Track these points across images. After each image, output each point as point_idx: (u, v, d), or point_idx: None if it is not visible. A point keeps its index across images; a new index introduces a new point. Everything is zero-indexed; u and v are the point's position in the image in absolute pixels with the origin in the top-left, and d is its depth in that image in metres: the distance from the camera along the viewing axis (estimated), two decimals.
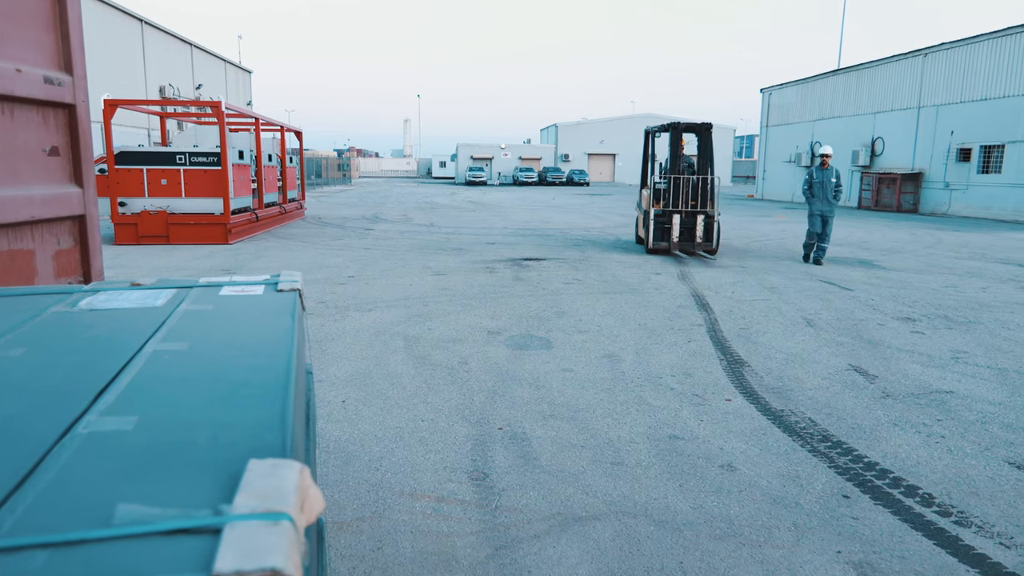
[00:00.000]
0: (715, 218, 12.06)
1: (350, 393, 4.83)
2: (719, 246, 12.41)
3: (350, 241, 14.46)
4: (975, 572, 2.80)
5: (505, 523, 3.13)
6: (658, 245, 12.34)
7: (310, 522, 0.86)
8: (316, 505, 0.88)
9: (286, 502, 0.77)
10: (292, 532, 0.73)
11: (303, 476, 0.85)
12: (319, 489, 0.89)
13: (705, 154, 12.47)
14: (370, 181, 64.86)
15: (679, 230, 12.15)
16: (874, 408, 4.71)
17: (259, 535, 0.71)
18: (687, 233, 12.19)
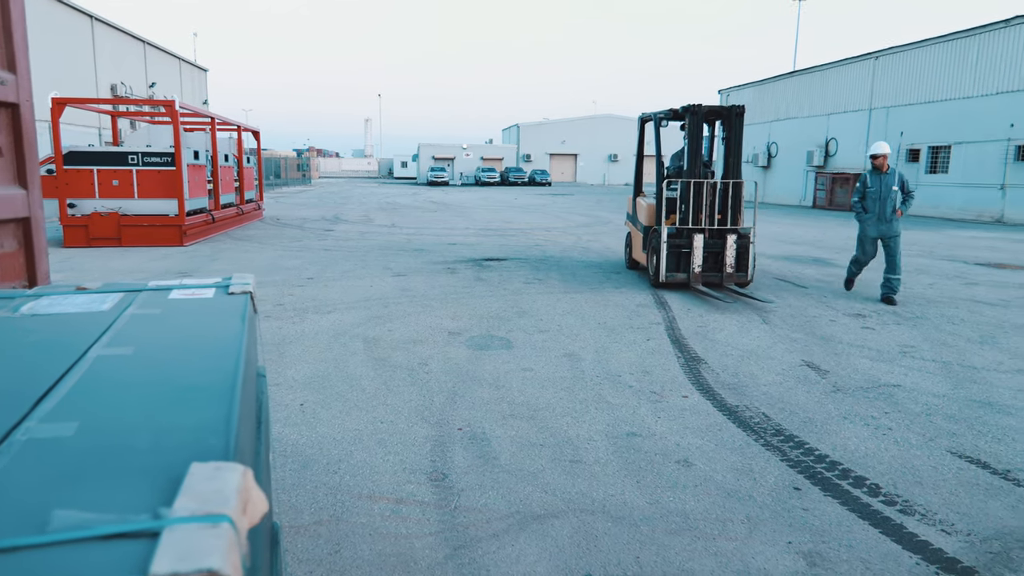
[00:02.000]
0: (750, 238, 8.85)
1: (308, 396, 4.79)
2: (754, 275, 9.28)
3: (309, 242, 14.30)
4: (918, 558, 2.90)
5: (464, 523, 3.14)
6: (673, 278, 8.81)
7: (253, 524, 0.87)
8: (259, 507, 0.88)
9: (227, 504, 0.78)
10: (232, 534, 0.73)
11: (246, 479, 0.86)
12: (263, 491, 0.89)
13: (735, 149, 9.05)
14: (330, 181, 64.17)
15: (703, 256, 8.80)
16: (825, 402, 4.84)
17: (197, 537, 0.71)
18: (712, 259, 8.88)
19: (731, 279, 8.78)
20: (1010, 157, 22.91)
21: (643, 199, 10.24)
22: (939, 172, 25.90)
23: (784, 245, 14.75)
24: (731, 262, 8.76)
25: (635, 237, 10.43)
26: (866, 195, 8.49)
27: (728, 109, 9.02)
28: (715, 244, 8.81)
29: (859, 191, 8.59)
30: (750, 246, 8.84)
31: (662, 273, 8.83)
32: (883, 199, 8.38)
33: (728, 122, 9.12)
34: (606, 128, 68.34)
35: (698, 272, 8.77)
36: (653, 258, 9.17)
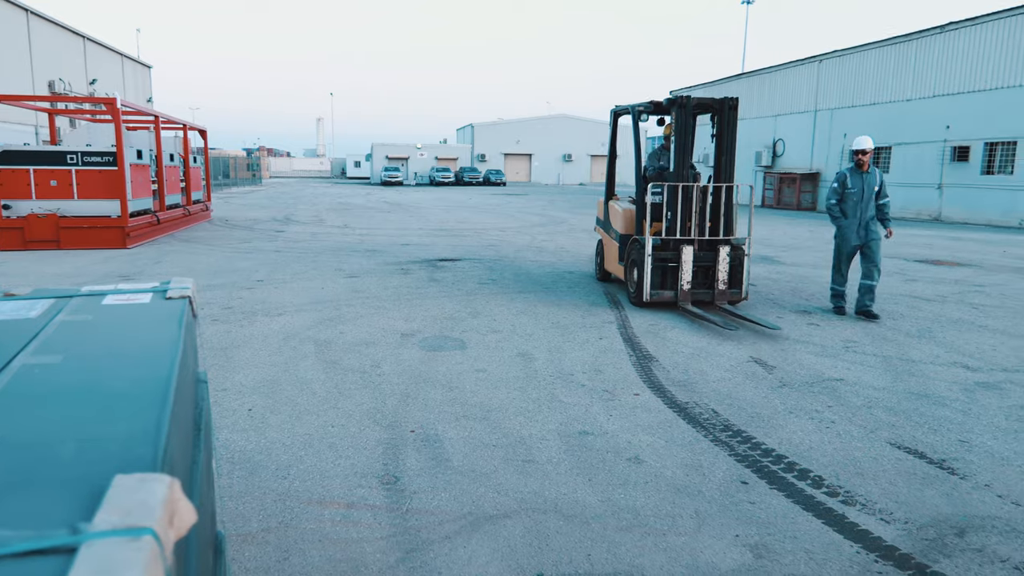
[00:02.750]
0: (745, 250, 7.77)
1: (257, 401, 4.70)
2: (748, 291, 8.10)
3: (259, 244, 14.03)
4: (858, 547, 2.99)
5: (416, 526, 3.12)
6: (659, 296, 7.66)
7: (181, 535, 0.84)
8: (188, 518, 0.86)
9: (151, 517, 0.75)
10: (154, 546, 0.71)
11: (172, 489, 0.83)
12: (192, 502, 0.87)
13: (727, 148, 7.86)
14: (282, 181, 63.07)
15: (692, 271, 7.69)
16: (772, 397, 4.96)
17: (117, 552, 0.69)
18: (701, 274, 7.79)
19: (724, 297, 7.69)
20: (947, 158, 23.84)
21: (618, 203, 9.08)
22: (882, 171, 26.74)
23: None
24: (723, 278, 7.64)
25: (608, 246, 9.29)
26: (845, 197, 7.54)
27: (720, 102, 7.82)
28: (705, 257, 7.69)
29: (836, 192, 7.59)
30: (745, 259, 7.73)
31: (646, 291, 7.61)
32: (865, 202, 7.49)
33: (720, 116, 7.86)
34: (560, 128, 68.75)
35: (687, 289, 7.61)
36: (633, 272, 8.03)
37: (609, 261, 9.28)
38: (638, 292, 7.83)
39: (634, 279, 8.00)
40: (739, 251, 7.78)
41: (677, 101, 7.65)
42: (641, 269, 7.72)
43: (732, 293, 7.75)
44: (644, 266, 7.61)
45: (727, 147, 7.86)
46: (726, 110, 7.83)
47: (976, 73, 22.91)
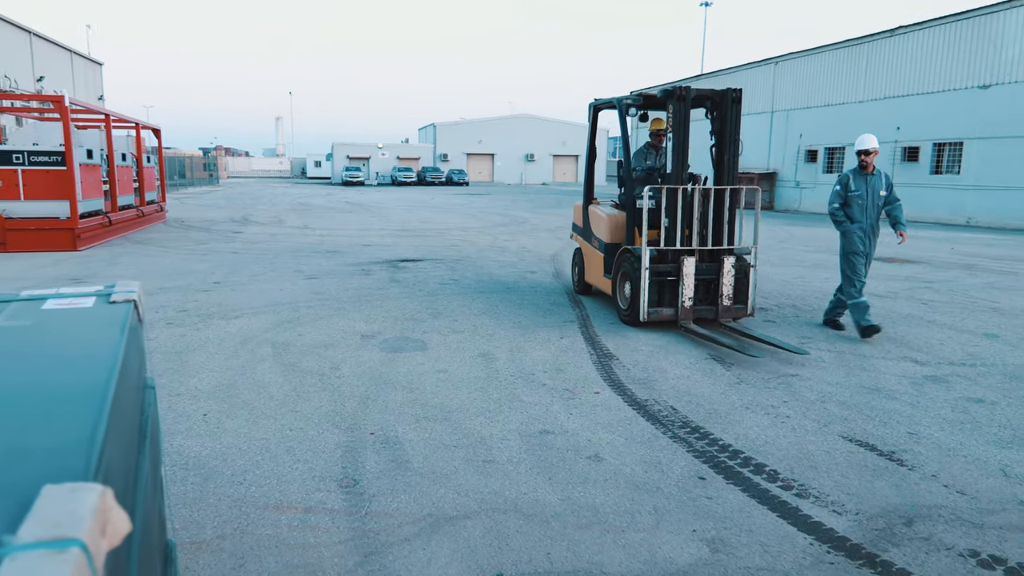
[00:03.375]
0: (751, 261, 6.95)
1: (212, 405, 4.60)
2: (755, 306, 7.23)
3: (216, 245, 13.76)
4: (811, 539, 3.06)
5: (375, 529, 3.10)
6: (658, 315, 6.76)
7: (114, 545, 0.82)
8: (121, 527, 0.84)
9: (79, 527, 0.73)
10: (81, 558, 0.69)
11: (104, 499, 0.81)
12: (125, 511, 0.85)
13: (731, 146, 6.96)
14: (240, 181, 61.99)
15: (694, 286, 6.79)
16: (729, 393, 5.03)
17: (41, 564, 0.67)
18: (703, 289, 6.92)
19: (728, 314, 6.86)
20: (897, 158, 24.53)
21: (600, 209, 8.16)
22: (835, 172, 27.42)
23: None
24: (728, 292, 6.80)
25: (590, 256, 8.30)
26: (849, 201, 6.87)
27: (721, 93, 6.91)
28: (708, 269, 6.82)
29: (839, 196, 6.90)
30: (751, 271, 6.92)
31: (643, 309, 6.65)
32: (871, 206, 6.82)
33: (720, 110, 6.94)
34: (523, 128, 68.88)
35: (689, 306, 6.71)
36: (624, 287, 7.10)
37: (591, 273, 8.29)
38: (632, 310, 6.85)
39: (626, 295, 7.06)
40: (744, 263, 6.94)
41: (675, 93, 6.68)
42: (637, 284, 6.72)
43: (738, 309, 6.92)
44: (641, 281, 6.63)
45: (730, 144, 6.93)
46: (728, 102, 6.87)
47: (924, 76, 23.63)
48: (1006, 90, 20.74)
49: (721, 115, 6.97)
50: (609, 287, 7.56)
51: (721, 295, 6.84)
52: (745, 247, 7.03)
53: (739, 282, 6.91)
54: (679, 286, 6.73)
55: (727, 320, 6.87)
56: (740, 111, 6.92)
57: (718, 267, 6.82)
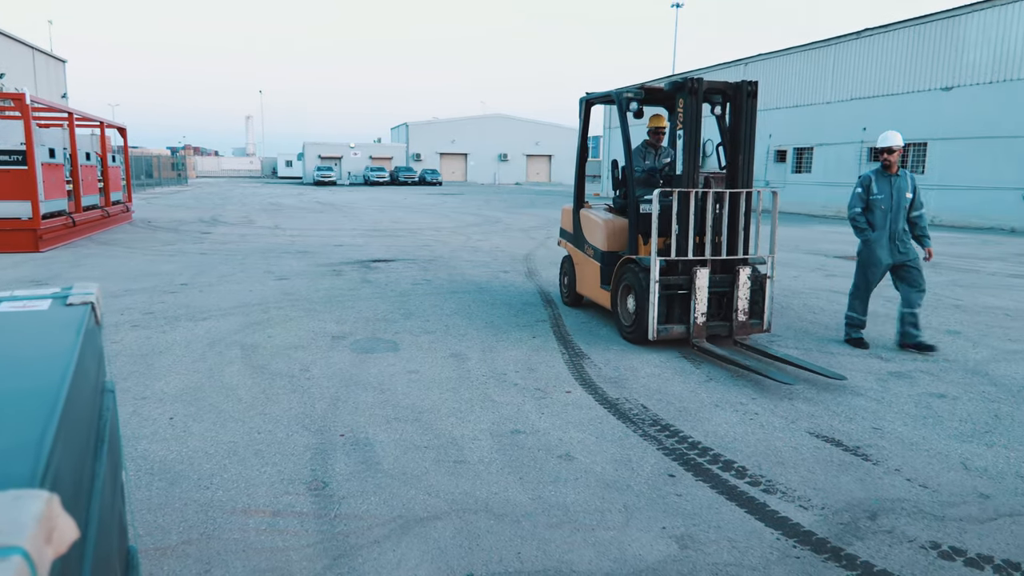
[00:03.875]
0: (767, 272, 6.35)
1: (179, 409, 4.53)
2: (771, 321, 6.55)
3: (184, 246, 13.55)
4: (778, 533, 3.10)
5: (344, 531, 3.07)
6: (669, 333, 6.07)
7: (60, 553, 0.80)
8: (68, 534, 0.82)
9: (20, 535, 0.71)
10: (23, 566, 0.67)
11: (50, 506, 0.79)
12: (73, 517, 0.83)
13: (745, 144, 6.30)
14: (209, 181, 61.10)
15: (708, 299, 6.12)
16: (699, 391, 5.08)
17: None
18: (715, 303, 6.27)
19: (744, 330, 6.23)
20: (863, 158, 24.98)
21: (594, 213, 7.48)
22: (803, 172, 27.87)
23: None
24: (744, 307, 6.18)
25: (583, 265, 7.61)
26: (871, 205, 6.25)
27: (735, 86, 6.27)
28: (721, 282, 6.18)
29: (860, 199, 6.30)
30: (768, 283, 6.29)
31: (652, 327, 5.95)
32: (896, 211, 6.19)
33: (735, 104, 6.29)
34: (496, 128, 68.89)
35: (702, 323, 6.04)
36: (627, 301, 6.47)
37: (584, 284, 7.58)
38: (637, 327, 6.23)
39: (629, 310, 6.42)
40: (760, 274, 6.33)
41: (686, 85, 6.02)
42: (644, 299, 6.06)
43: (753, 325, 6.30)
44: (651, 295, 5.92)
45: (745, 143, 6.27)
46: (743, 96, 6.18)
47: (889, 78, 24.09)
48: (967, 92, 21.23)
49: (735, 110, 6.29)
50: (607, 300, 6.90)
51: (736, 310, 6.18)
52: (759, 256, 6.42)
53: (754, 295, 6.28)
54: (691, 300, 6.03)
55: (742, 337, 6.23)
56: (756, 106, 6.23)
57: (732, 279, 6.17)
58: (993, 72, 20.44)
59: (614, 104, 6.93)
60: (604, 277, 7.06)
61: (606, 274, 7.03)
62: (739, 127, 6.27)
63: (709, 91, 6.32)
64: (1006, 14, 20.04)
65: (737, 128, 6.28)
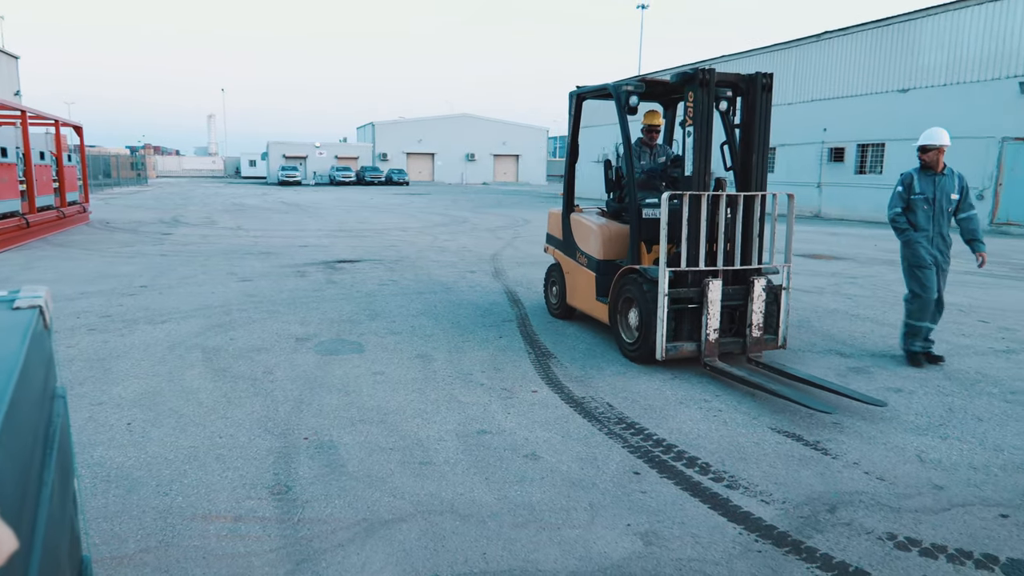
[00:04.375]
0: (783, 283, 5.83)
1: (137, 414, 4.43)
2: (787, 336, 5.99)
3: (144, 247, 13.26)
4: (740, 528, 3.14)
5: (308, 536, 3.03)
6: (678, 351, 5.52)
7: None
8: (5, 545, 0.79)
9: None
10: None
11: None
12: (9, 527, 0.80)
13: (759, 142, 5.81)
14: (170, 181, 59.91)
15: (719, 313, 5.53)
16: (664, 389, 5.13)
17: None
18: (728, 318, 5.77)
19: (758, 347, 5.67)
20: (824, 158, 25.49)
21: (587, 218, 6.93)
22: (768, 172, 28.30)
23: None
24: (758, 321, 5.64)
25: (575, 275, 6.97)
26: (912, 205, 5.79)
27: (749, 79, 5.76)
28: (734, 294, 5.66)
29: (900, 198, 5.81)
30: (783, 295, 5.76)
31: (661, 345, 5.40)
32: (940, 211, 5.78)
33: (749, 99, 5.79)
34: (463, 128, 68.74)
35: (715, 340, 5.48)
36: (628, 315, 5.93)
37: (577, 295, 6.96)
38: (642, 345, 5.64)
39: (631, 325, 5.88)
40: (774, 286, 5.81)
41: (697, 77, 5.42)
42: (649, 313, 5.52)
43: (768, 341, 5.78)
44: (659, 311, 5.38)
45: (759, 142, 5.76)
46: (758, 90, 5.68)
47: (849, 80, 24.61)
48: (923, 94, 21.79)
49: (748, 104, 5.77)
50: (604, 313, 6.33)
51: (750, 325, 5.62)
52: (772, 266, 5.90)
53: (768, 308, 5.77)
54: (702, 315, 5.47)
55: (756, 355, 5.65)
56: (771, 100, 5.74)
57: (746, 291, 5.64)
58: (947, 75, 21.01)
59: (610, 99, 6.33)
60: (600, 288, 6.46)
61: (602, 285, 6.41)
62: (753, 123, 5.73)
63: (718, 84, 5.70)
64: (959, 19, 20.62)
65: (751, 125, 5.75)
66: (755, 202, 5.76)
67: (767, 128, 5.73)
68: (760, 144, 5.74)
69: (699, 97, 5.45)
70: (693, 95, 5.49)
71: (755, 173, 5.80)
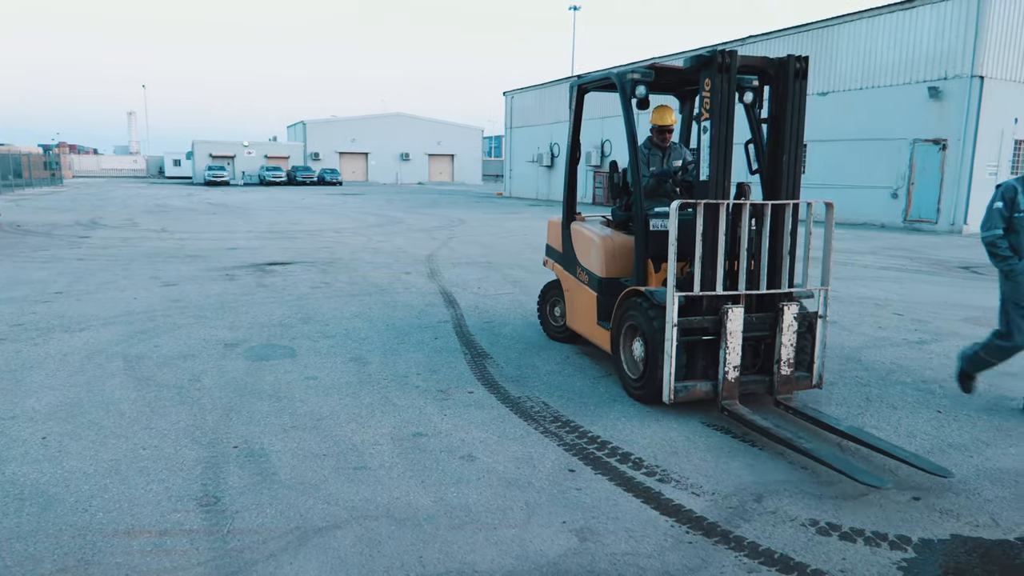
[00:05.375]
0: (819, 310, 4.81)
1: (53, 427, 4.22)
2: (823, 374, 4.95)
3: (59, 251, 12.63)
4: (672, 521, 3.22)
5: (238, 547, 2.95)
6: (689, 392, 4.55)
7: None
8: None
9: None
10: None
11: None
12: None
13: (791, 140, 4.74)
14: (88, 182, 57.23)
15: (740, 346, 4.55)
16: (598, 386, 5.21)
17: None
18: (752, 352, 4.80)
19: (789, 387, 4.66)
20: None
21: (589, 228, 5.93)
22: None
23: None
24: (789, 356, 4.64)
25: (574, 293, 6.05)
26: (1015, 225, 4.60)
27: (780, 64, 4.69)
28: (759, 323, 4.66)
29: (1001, 216, 4.62)
30: (818, 325, 4.74)
31: (668, 385, 4.42)
32: None
33: (779, 88, 4.72)
34: (397, 127, 68.07)
35: (735, 379, 4.50)
36: (632, 345, 5.02)
37: (577, 317, 6.03)
38: (647, 382, 4.74)
39: (635, 357, 4.98)
40: (808, 315, 4.79)
41: (714, 60, 4.41)
42: (655, 345, 4.62)
43: (799, 379, 4.77)
44: (667, 344, 4.42)
45: (790, 140, 4.68)
46: (789, 77, 4.61)
47: None
48: (840, 97, 22.77)
49: (778, 94, 4.72)
50: (606, 340, 5.43)
51: (778, 361, 4.63)
52: (806, 289, 4.84)
53: (801, 340, 4.79)
54: (720, 349, 4.49)
55: (786, 396, 4.65)
56: (805, 89, 4.69)
57: (774, 319, 4.65)
58: (863, 79, 22.03)
59: (614, 90, 5.41)
60: (602, 311, 5.53)
61: (604, 308, 5.48)
62: (783, 118, 4.67)
63: (741, 71, 4.74)
64: (872, 26, 21.64)
65: (781, 119, 4.69)
66: (785, 212, 4.71)
67: (800, 123, 4.73)
68: (792, 142, 4.73)
69: (718, 84, 4.47)
70: (710, 83, 4.49)
71: (786, 177, 4.75)
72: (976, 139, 18.96)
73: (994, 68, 18.94)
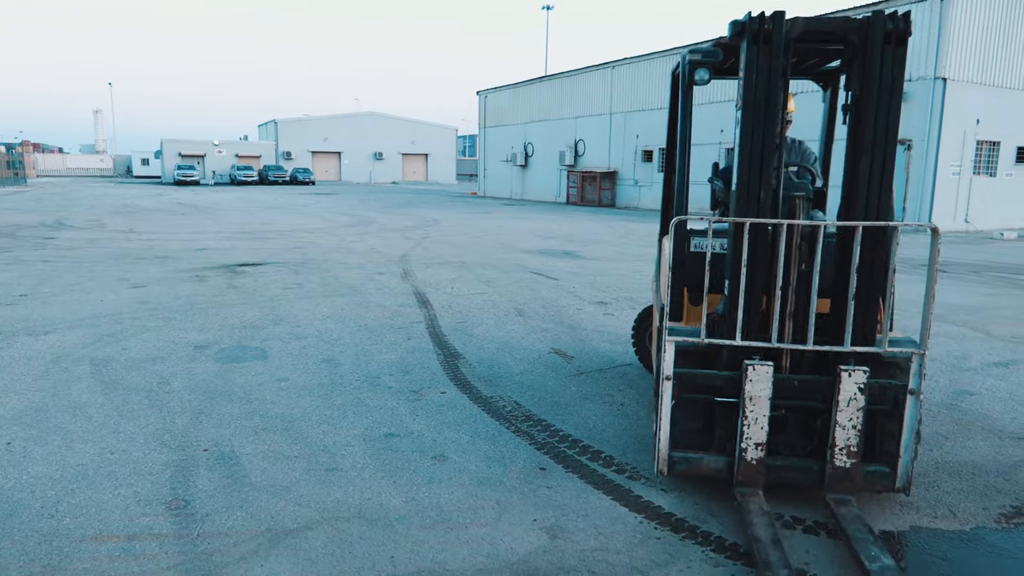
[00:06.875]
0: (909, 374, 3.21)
1: (17, 432, 4.15)
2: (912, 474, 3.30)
3: (23, 253, 12.38)
4: (641, 517, 3.27)
5: (208, 550, 2.94)
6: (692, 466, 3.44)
7: None
8: None
9: None
10: None
11: None
12: None
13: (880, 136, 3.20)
14: (53, 181, 56.04)
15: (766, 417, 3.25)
16: (569, 385, 5.26)
17: None
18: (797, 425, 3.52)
19: (847, 484, 3.31)
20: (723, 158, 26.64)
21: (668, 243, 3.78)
22: None
23: (541, 239, 15.76)
24: (850, 440, 3.27)
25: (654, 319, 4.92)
26: None
27: (862, 28, 3.22)
28: (806, 389, 3.39)
29: None
30: (909, 402, 3.24)
31: (661, 451, 3.43)
32: None
33: (862, 63, 3.25)
34: (370, 126, 67.67)
35: (757, 459, 3.33)
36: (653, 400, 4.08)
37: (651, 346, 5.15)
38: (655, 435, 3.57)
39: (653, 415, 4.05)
40: (894, 381, 3.31)
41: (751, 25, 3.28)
42: (656, 407, 3.56)
43: (869, 477, 3.35)
44: (660, 402, 3.44)
45: (876, 135, 3.27)
46: (875, 46, 3.20)
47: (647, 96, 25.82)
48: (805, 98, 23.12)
49: (862, 72, 3.27)
50: None
51: (833, 444, 3.30)
52: (902, 345, 3.32)
53: (875, 420, 3.41)
54: (739, 417, 3.34)
55: (842, 497, 3.32)
56: (904, 62, 3.23)
57: (830, 386, 3.32)
58: None
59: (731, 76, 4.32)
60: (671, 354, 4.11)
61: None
62: (867, 104, 3.27)
63: (804, 38, 3.38)
64: None
65: (863, 104, 3.28)
66: (854, 237, 3.25)
67: (893, 111, 3.25)
68: (879, 139, 3.28)
69: (754, 57, 3.31)
70: (745, 56, 3.34)
71: (866, 188, 3.31)
72: (940, 139, 19.41)
73: (956, 70, 19.39)
